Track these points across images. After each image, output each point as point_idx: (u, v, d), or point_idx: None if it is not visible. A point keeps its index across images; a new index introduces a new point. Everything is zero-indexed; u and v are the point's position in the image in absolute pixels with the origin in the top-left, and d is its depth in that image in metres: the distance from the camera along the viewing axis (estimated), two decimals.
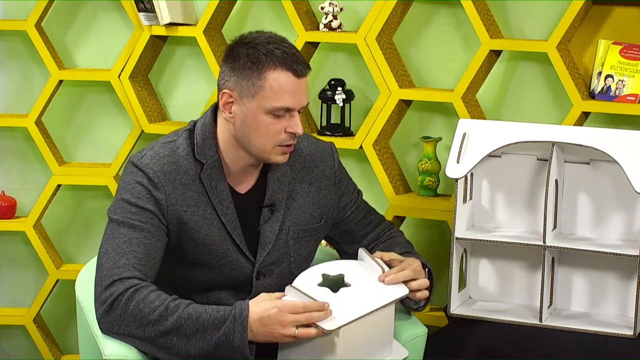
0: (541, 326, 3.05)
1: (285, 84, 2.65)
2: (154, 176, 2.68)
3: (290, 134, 2.69)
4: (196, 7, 3.92)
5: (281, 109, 2.66)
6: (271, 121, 2.66)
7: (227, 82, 2.69)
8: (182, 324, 2.55)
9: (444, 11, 3.67)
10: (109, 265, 2.62)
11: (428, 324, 3.10)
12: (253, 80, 2.64)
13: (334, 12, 3.64)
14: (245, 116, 2.67)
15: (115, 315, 2.59)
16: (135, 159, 2.73)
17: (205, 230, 2.72)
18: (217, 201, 2.72)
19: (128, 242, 2.64)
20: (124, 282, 2.59)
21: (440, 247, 3.70)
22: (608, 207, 3.12)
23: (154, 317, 2.56)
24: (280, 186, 2.79)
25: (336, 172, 2.91)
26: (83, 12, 4.09)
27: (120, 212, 2.68)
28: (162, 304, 2.57)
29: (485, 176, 3.24)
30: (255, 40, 2.68)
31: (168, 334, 2.55)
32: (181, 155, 2.72)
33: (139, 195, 2.68)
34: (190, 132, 2.76)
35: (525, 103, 3.60)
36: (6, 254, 4.28)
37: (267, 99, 2.64)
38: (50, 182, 4.02)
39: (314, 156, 2.87)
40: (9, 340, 4.32)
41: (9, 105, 4.18)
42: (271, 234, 2.77)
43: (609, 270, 3.12)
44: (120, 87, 3.92)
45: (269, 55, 2.64)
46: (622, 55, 3.34)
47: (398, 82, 3.58)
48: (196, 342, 2.54)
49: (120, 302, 2.58)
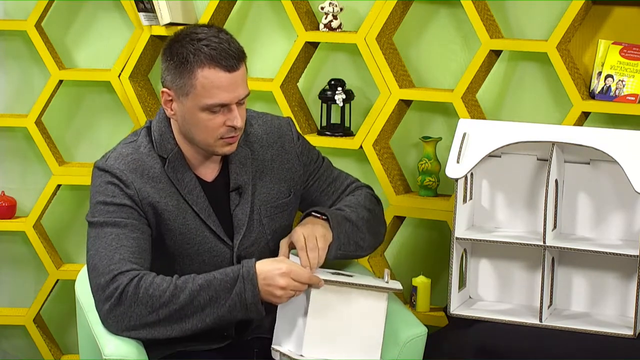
0: (541, 326, 3.05)
1: (216, 81, 2.65)
2: (121, 175, 2.72)
3: (229, 127, 2.71)
4: (196, 7, 3.92)
5: (215, 105, 2.67)
6: (209, 117, 2.69)
7: (165, 80, 2.73)
8: (195, 297, 2.60)
9: (444, 11, 3.67)
10: (104, 263, 2.64)
11: (428, 324, 3.10)
12: (184, 80, 2.67)
13: (334, 12, 3.64)
14: (184, 114, 2.71)
15: (125, 307, 2.61)
16: (100, 163, 2.76)
17: (180, 220, 2.75)
18: (185, 192, 2.76)
19: (116, 239, 2.67)
20: (125, 274, 2.62)
21: (440, 247, 3.70)
22: (608, 207, 3.12)
23: (166, 297, 2.60)
24: (244, 168, 2.82)
25: (296, 144, 2.93)
26: (83, 12, 4.09)
27: (99, 214, 2.71)
28: (171, 283, 2.61)
29: (485, 176, 3.24)
30: (187, 37, 2.69)
31: (183, 310, 2.60)
32: (144, 153, 2.76)
33: (113, 194, 2.71)
34: (148, 130, 2.80)
35: (525, 103, 3.60)
36: (6, 254, 4.28)
37: (200, 97, 2.66)
38: (50, 182, 4.02)
39: (271, 133, 2.90)
40: (9, 340, 4.32)
41: (9, 105, 4.18)
42: (243, 216, 2.80)
43: (609, 270, 3.12)
44: (120, 87, 3.92)
45: (196, 54, 2.65)
46: (622, 55, 3.34)
47: (398, 82, 3.58)
48: (211, 309, 2.61)
49: (127, 293, 2.60)
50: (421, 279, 3.53)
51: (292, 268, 2.64)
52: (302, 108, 3.81)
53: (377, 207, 3.04)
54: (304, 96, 3.85)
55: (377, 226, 3.01)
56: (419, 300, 3.52)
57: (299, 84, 3.82)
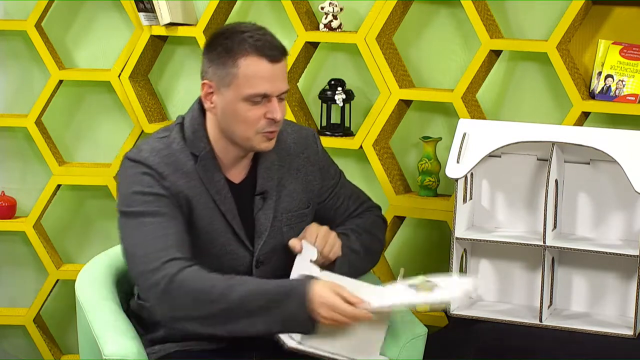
0: (541, 326, 3.05)
1: (260, 71, 2.66)
2: (157, 167, 2.70)
3: (269, 120, 2.70)
4: (196, 7, 3.92)
5: (257, 95, 2.67)
6: (249, 108, 2.67)
7: (206, 73, 2.72)
8: (247, 300, 2.55)
9: (444, 11, 3.67)
10: (149, 250, 2.61)
11: (428, 324, 3.10)
12: (227, 69, 2.66)
13: (334, 12, 3.64)
14: (224, 105, 2.70)
15: (172, 297, 2.57)
16: (132, 154, 2.74)
17: (208, 218, 2.73)
18: (214, 192, 2.74)
19: (159, 227, 2.64)
20: (172, 263, 2.59)
21: (440, 247, 3.70)
22: (608, 207, 3.13)
23: (216, 294, 2.56)
24: (270, 174, 2.81)
25: (320, 158, 2.93)
26: (83, 12, 4.09)
27: (136, 203, 2.67)
28: (222, 281, 2.58)
29: (485, 176, 3.24)
30: (230, 30, 2.70)
31: (231, 311, 2.56)
32: (176, 149, 2.74)
33: (149, 185, 2.68)
34: (181, 126, 2.78)
35: (525, 103, 3.60)
36: (6, 254, 4.28)
37: (242, 86, 2.66)
38: (50, 182, 4.02)
39: (299, 143, 2.90)
40: (9, 340, 4.33)
41: (9, 105, 4.18)
42: (266, 222, 2.79)
43: (609, 270, 3.12)
44: (120, 87, 3.92)
45: (240, 44, 2.66)
46: (622, 55, 3.34)
47: (398, 82, 3.58)
48: (260, 318, 2.55)
49: (174, 284, 2.57)
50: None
51: (337, 304, 2.55)
52: (302, 108, 3.81)
53: (381, 231, 3.04)
54: (304, 96, 3.85)
55: (375, 250, 3.01)
56: None
57: (299, 84, 3.82)
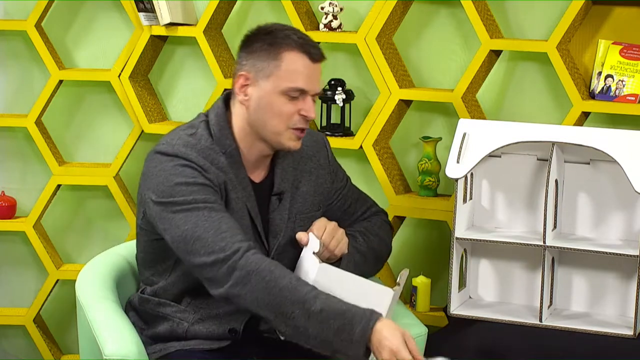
0: (541, 326, 3.05)
1: (301, 66, 2.71)
2: (197, 160, 2.70)
3: (302, 117, 2.73)
4: (196, 7, 3.92)
5: (296, 89, 2.71)
6: (285, 102, 2.71)
7: (243, 66, 2.74)
8: (326, 317, 2.52)
9: (444, 11, 3.67)
10: (215, 239, 2.59)
11: (428, 324, 3.10)
12: (269, 61, 2.70)
13: (334, 12, 3.64)
14: (260, 97, 2.72)
15: (252, 284, 2.56)
16: (165, 148, 2.72)
17: (236, 215, 2.73)
18: (240, 188, 2.76)
19: (215, 215, 2.63)
20: (245, 249, 2.58)
21: (440, 247, 3.70)
22: (608, 207, 3.13)
23: (299, 297, 2.54)
24: (286, 175, 2.84)
25: (330, 162, 2.97)
26: (83, 12, 4.09)
27: (183, 194, 2.65)
28: (304, 285, 2.56)
29: (485, 176, 3.24)
30: (273, 27, 2.76)
31: (308, 318, 2.53)
32: (206, 146, 2.75)
33: (193, 175, 2.67)
34: (206, 123, 2.79)
35: (525, 103, 3.60)
36: (6, 254, 4.28)
37: (282, 79, 2.70)
38: (50, 182, 4.02)
39: (312, 147, 2.93)
40: (9, 340, 4.33)
41: (9, 105, 4.18)
42: (281, 222, 2.82)
43: (609, 270, 3.12)
44: (120, 87, 3.92)
45: (285, 39, 2.72)
46: (622, 55, 3.34)
47: (398, 82, 3.58)
48: (316, 322, 2.53)
49: (257, 272, 2.55)
50: (421, 279, 3.53)
51: (400, 348, 2.50)
52: None
53: (388, 236, 3.06)
54: None
55: (382, 254, 3.03)
56: (419, 300, 3.52)
57: None
